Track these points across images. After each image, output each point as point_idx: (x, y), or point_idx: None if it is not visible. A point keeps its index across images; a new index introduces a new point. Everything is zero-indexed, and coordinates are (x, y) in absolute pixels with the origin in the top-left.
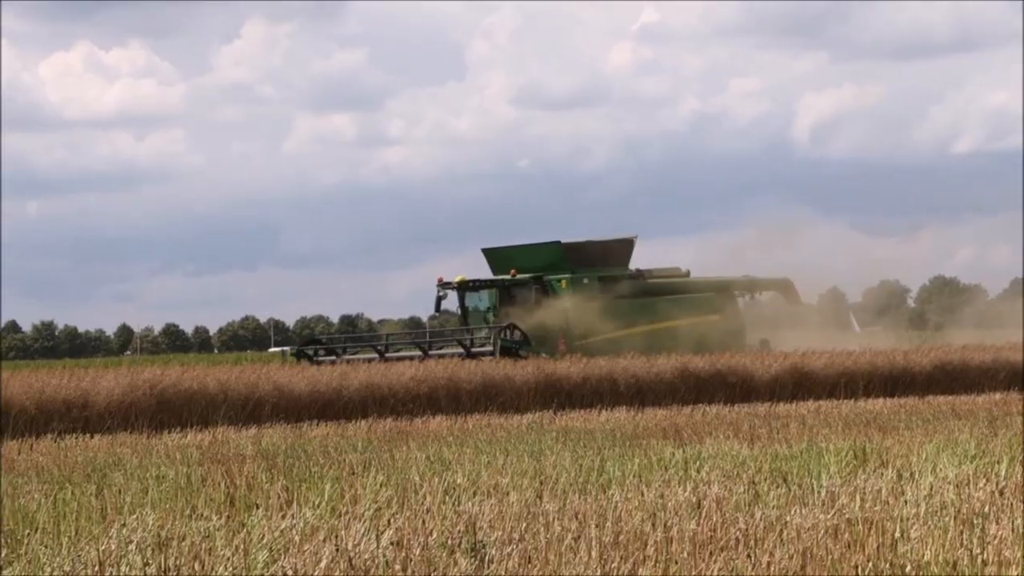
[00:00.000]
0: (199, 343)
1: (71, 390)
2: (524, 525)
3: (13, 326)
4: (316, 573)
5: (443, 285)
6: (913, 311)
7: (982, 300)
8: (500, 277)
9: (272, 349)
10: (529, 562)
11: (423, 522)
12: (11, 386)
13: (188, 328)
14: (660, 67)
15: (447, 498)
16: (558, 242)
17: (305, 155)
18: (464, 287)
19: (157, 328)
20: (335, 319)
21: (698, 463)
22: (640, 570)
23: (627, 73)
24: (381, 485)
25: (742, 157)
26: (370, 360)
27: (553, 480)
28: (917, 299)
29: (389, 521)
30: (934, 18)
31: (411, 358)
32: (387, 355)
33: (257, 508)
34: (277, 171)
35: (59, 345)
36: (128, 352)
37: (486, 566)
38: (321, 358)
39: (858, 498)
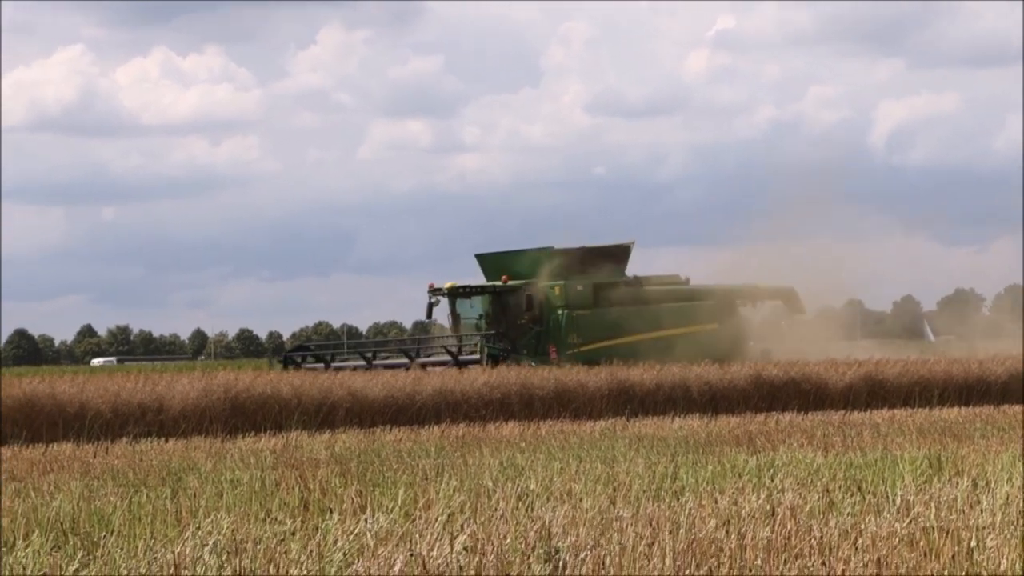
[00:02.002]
0: (272, 348)
1: (146, 394)
2: (598, 531)
3: (89, 330)
4: None
5: (434, 291)
6: (988, 320)
7: None
8: (491, 284)
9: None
10: (603, 568)
11: (497, 527)
12: (87, 390)
13: (262, 333)
14: (736, 74)
15: (520, 504)
16: (551, 248)
17: (380, 162)
18: (455, 293)
19: (231, 333)
20: (408, 325)
21: (772, 470)
22: None
23: (703, 80)
24: (454, 490)
25: (819, 165)
26: (356, 368)
27: (626, 487)
28: (992, 308)
29: (463, 526)
30: (1012, 26)
31: (399, 366)
32: (375, 362)
33: (331, 512)
34: (352, 178)
35: (134, 349)
36: (203, 357)
37: (560, 572)
38: (309, 365)
39: (933, 507)
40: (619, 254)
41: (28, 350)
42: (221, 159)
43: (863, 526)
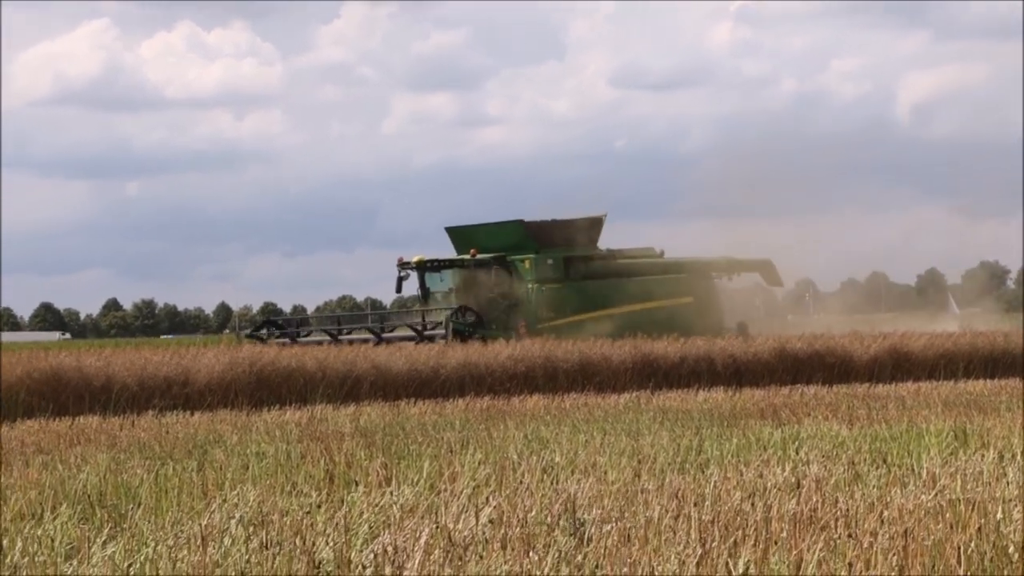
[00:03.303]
0: (240, 324)
1: (172, 367)
2: (623, 504)
3: (114, 304)
4: (416, 549)
5: (403, 265)
6: (1013, 292)
7: None
8: (460, 257)
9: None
10: (628, 540)
11: (522, 500)
12: (113, 363)
13: (286, 307)
14: (760, 47)
15: (545, 476)
16: (521, 221)
17: (403, 136)
18: (424, 267)
19: (256, 307)
20: None
21: (797, 443)
22: (740, 549)
23: (726, 53)
24: (479, 463)
25: (842, 137)
26: (321, 343)
27: (651, 459)
28: (1017, 280)
29: (488, 499)
30: None
31: (365, 341)
32: (340, 338)
33: (356, 485)
34: (375, 151)
35: (159, 323)
36: (227, 331)
37: (585, 544)
38: (277, 340)
39: (959, 479)
40: (591, 227)
41: (54, 324)
42: (245, 133)
43: (889, 499)
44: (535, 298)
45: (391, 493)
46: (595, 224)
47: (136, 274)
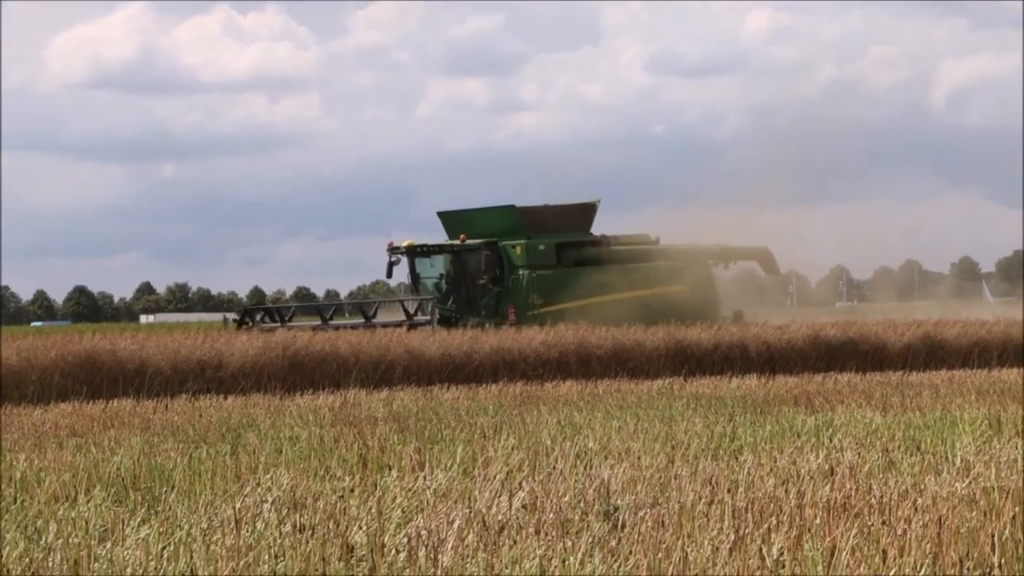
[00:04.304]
0: (229, 308)
1: (205, 351)
2: (656, 490)
3: (147, 287)
4: (449, 533)
5: (392, 250)
6: None
7: None
8: (450, 242)
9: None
10: (662, 526)
11: (555, 485)
12: (147, 347)
13: (319, 291)
14: (796, 34)
15: (578, 462)
16: (512, 206)
17: (437, 120)
18: (413, 252)
19: (288, 291)
20: None
21: (830, 430)
22: (774, 535)
23: (762, 40)
24: (513, 448)
25: (877, 125)
26: (314, 327)
27: (684, 445)
28: None
29: (521, 484)
30: None
31: (355, 326)
32: (330, 323)
33: (390, 469)
34: (409, 136)
35: (193, 306)
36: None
37: (619, 530)
38: (265, 325)
39: (993, 467)
40: (584, 212)
41: (88, 307)
42: (280, 117)
43: (923, 486)
44: (526, 284)
45: (424, 478)
46: (588, 210)
47: (170, 258)
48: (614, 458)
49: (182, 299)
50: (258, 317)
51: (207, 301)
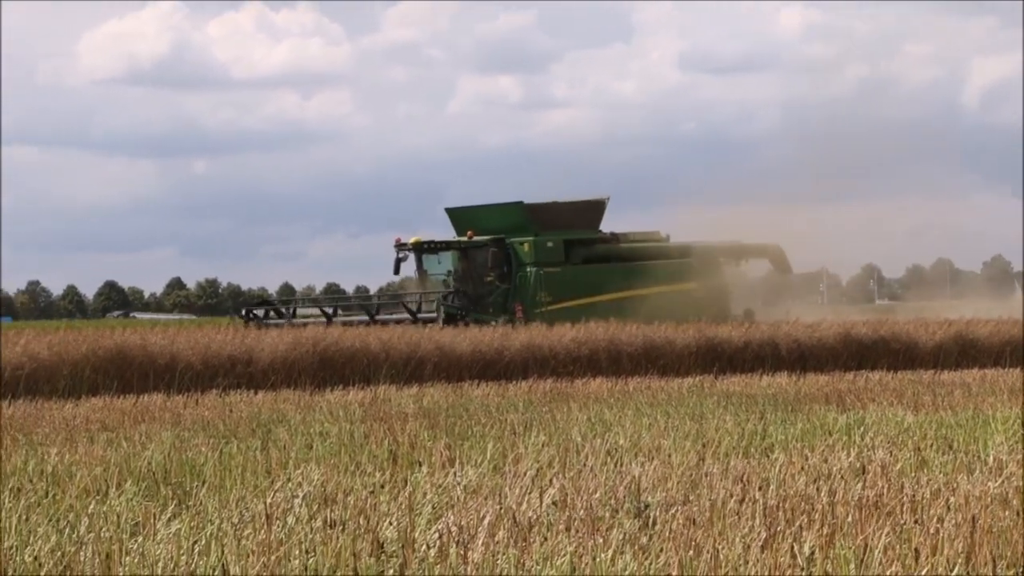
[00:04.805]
0: (236, 304)
1: (236, 347)
2: (687, 487)
3: (178, 283)
4: (480, 530)
5: (400, 246)
6: None
7: None
8: (457, 239)
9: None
10: (693, 524)
11: (586, 482)
12: (177, 342)
13: (349, 288)
14: (829, 31)
15: (609, 459)
16: (520, 203)
17: (468, 117)
18: (420, 249)
19: (319, 287)
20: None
21: (862, 429)
22: (805, 534)
23: (795, 37)
24: (543, 445)
25: (909, 123)
26: (319, 324)
27: (715, 443)
28: None
29: (552, 480)
30: None
31: (360, 322)
32: (334, 319)
33: (420, 465)
34: (441, 133)
35: (223, 302)
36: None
37: (650, 527)
38: (270, 321)
39: None
40: (592, 209)
41: (118, 302)
42: (311, 113)
43: (955, 485)
44: (534, 281)
45: (455, 474)
46: (597, 207)
47: (200, 253)
48: (644, 455)
49: (212, 295)
50: (262, 313)
51: (237, 297)
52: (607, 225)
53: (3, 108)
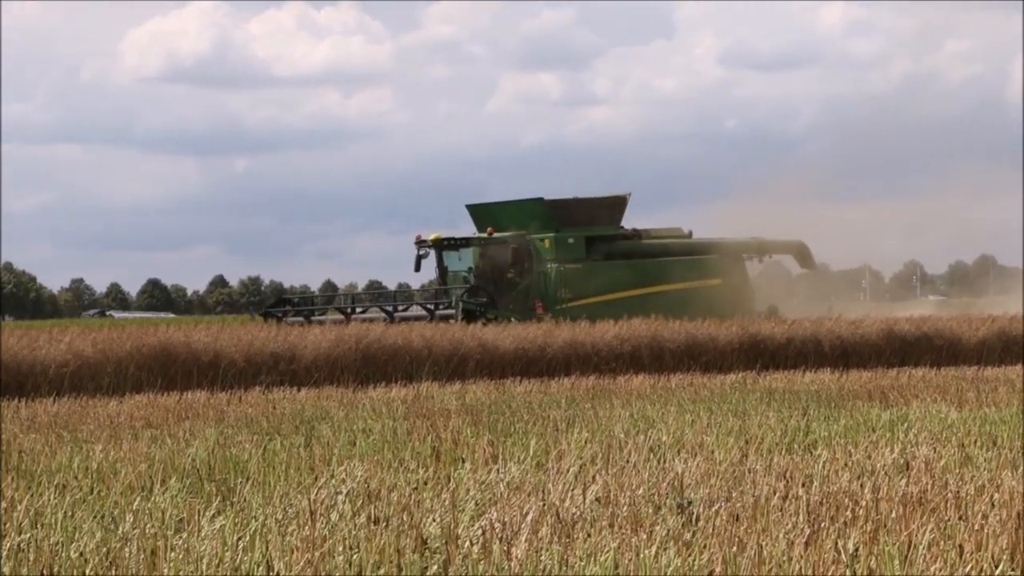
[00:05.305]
0: (257, 302)
1: (279, 344)
2: (730, 483)
3: (220, 280)
4: (523, 526)
5: (420, 243)
6: None
7: None
8: (478, 235)
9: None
10: (737, 520)
11: (629, 479)
12: (221, 339)
13: (391, 285)
14: (871, 27)
15: (652, 455)
16: (540, 199)
17: (509, 114)
18: (441, 246)
19: (360, 285)
20: None
21: (905, 425)
22: (849, 530)
23: (837, 33)
24: (586, 441)
25: (951, 120)
26: (336, 322)
27: (758, 440)
28: None
29: (594, 477)
30: None
31: (379, 320)
32: (352, 316)
33: (463, 462)
34: (482, 130)
35: (265, 300)
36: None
37: (693, 523)
38: (290, 319)
39: None
40: (613, 206)
41: (161, 300)
42: (352, 111)
43: (1000, 481)
44: (555, 278)
45: (498, 470)
46: (618, 203)
47: (243, 251)
48: (687, 452)
49: (255, 292)
50: (281, 313)
51: (280, 294)
52: (633, 221)
53: (48, 107)
